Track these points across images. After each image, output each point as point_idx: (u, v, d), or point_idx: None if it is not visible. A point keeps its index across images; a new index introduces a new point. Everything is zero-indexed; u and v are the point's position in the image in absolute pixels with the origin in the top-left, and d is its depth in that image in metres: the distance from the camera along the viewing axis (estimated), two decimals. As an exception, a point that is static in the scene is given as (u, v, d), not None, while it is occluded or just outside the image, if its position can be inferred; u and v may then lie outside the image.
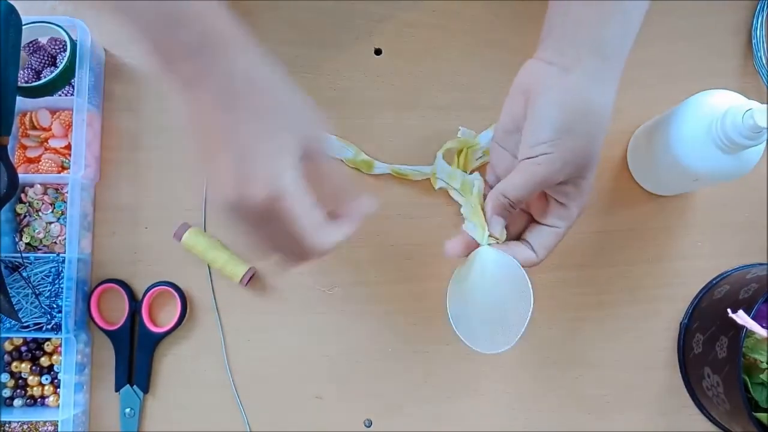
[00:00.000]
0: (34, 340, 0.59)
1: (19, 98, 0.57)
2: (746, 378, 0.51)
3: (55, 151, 0.60)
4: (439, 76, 0.62)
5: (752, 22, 0.62)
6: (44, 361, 0.59)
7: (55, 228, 0.59)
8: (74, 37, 0.58)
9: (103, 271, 0.60)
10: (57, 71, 0.58)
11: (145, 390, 0.59)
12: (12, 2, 0.53)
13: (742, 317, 0.49)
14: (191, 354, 0.60)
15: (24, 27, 0.54)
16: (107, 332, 0.59)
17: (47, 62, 0.60)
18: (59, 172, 0.60)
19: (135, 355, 0.59)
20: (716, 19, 0.63)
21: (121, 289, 0.59)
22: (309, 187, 0.41)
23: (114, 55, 0.62)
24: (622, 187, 0.62)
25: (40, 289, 0.57)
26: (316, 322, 0.60)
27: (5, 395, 0.58)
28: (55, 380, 0.59)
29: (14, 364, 0.58)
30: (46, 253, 0.59)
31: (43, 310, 0.57)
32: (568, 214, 0.47)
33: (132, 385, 0.59)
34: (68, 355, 0.56)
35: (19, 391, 0.59)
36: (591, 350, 0.60)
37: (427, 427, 0.60)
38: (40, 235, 0.59)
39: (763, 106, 0.45)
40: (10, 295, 0.56)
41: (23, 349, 0.59)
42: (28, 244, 0.59)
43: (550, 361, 0.60)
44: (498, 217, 0.48)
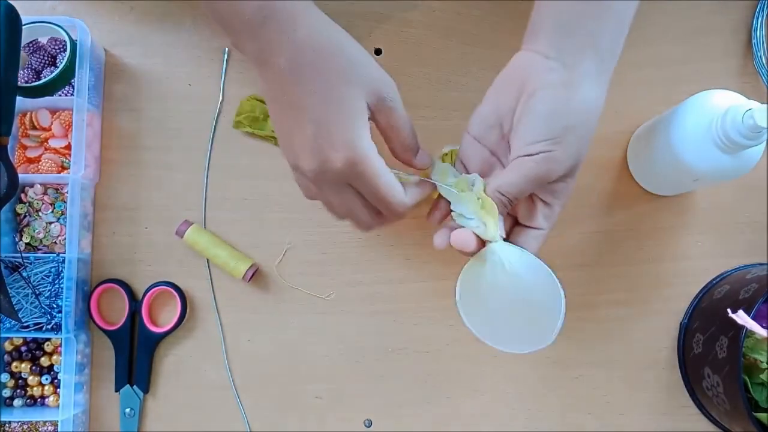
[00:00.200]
0: (34, 340, 0.59)
1: (19, 98, 0.57)
2: (746, 378, 0.51)
3: (55, 151, 0.60)
4: (439, 76, 0.62)
5: (752, 22, 0.62)
6: (44, 361, 0.59)
7: (55, 228, 0.59)
8: (74, 37, 0.58)
9: (103, 271, 0.60)
10: (57, 71, 0.58)
11: (145, 390, 0.59)
12: (12, 2, 0.53)
13: (742, 317, 0.49)
14: (191, 354, 0.60)
15: (24, 27, 0.54)
16: (107, 332, 0.59)
17: (47, 62, 0.60)
18: (59, 172, 0.60)
19: (135, 355, 0.59)
20: (716, 19, 0.63)
21: (121, 289, 0.59)
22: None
23: (114, 55, 0.62)
24: (622, 187, 0.62)
25: (40, 289, 0.57)
26: (316, 322, 0.60)
27: (5, 395, 0.58)
28: (55, 380, 0.59)
29: (14, 364, 0.58)
30: (46, 253, 0.59)
31: (43, 310, 0.57)
32: (552, 213, 0.46)
33: (132, 385, 0.59)
34: (68, 355, 0.56)
35: (19, 391, 0.59)
36: (591, 350, 0.60)
37: (427, 427, 0.60)
38: (40, 235, 0.59)
39: (763, 106, 0.45)
40: (10, 295, 0.56)
41: (23, 349, 0.59)
42: (28, 244, 0.59)
43: (550, 361, 0.60)
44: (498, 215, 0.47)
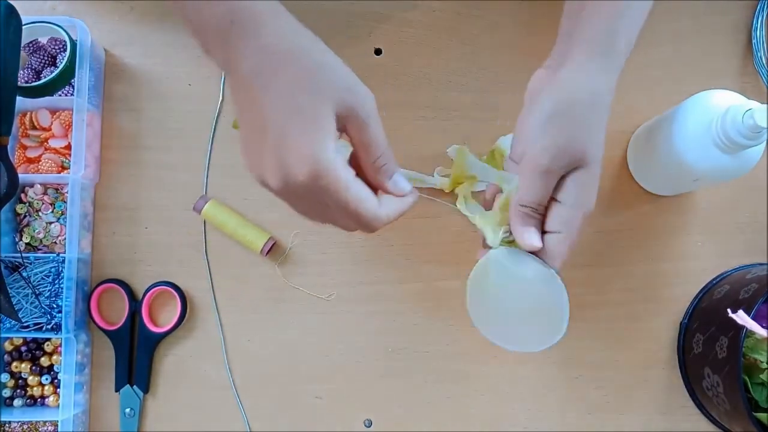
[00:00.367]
0: (34, 340, 0.59)
1: (19, 98, 0.57)
2: (746, 378, 0.51)
3: (55, 151, 0.60)
4: (439, 76, 0.62)
5: (752, 22, 0.62)
6: (44, 361, 0.59)
7: (55, 228, 0.59)
8: (74, 37, 0.58)
9: (103, 271, 0.60)
10: (57, 71, 0.58)
11: (145, 390, 0.59)
12: (12, 2, 0.53)
13: (742, 317, 0.49)
14: (191, 354, 0.60)
15: (24, 27, 0.54)
16: (107, 332, 0.59)
17: (47, 62, 0.60)
18: (59, 172, 0.60)
19: (135, 355, 0.59)
20: (716, 19, 0.63)
21: (121, 289, 0.59)
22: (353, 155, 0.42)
23: (114, 55, 0.62)
24: (622, 187, 0.62)
25: (40, 289, 0.57)
26: (316, 322, 0.60)
27: (5, 395, 0.58)
28: (55, 380, 0.59)
29: (14, 364, 0.58)
30: (46, 253, 0.59)
31: (43, 310, 0.57)
32: (567, 214, 0.45)
33: (132, 385, 0.59)
34: (68, 355, 0.56)
35: (19, 391, 0.59)
36: (591, 350, 0.60)
37: (427, 427, 0.60)
38: (40, 235, 0.59)
39: (763, 106, 0.45)
40: (10, 295, 0.56)
41: (23, 349, 0.59)
42: (28, 244, 0.59)
43: (550, 361, 0.60)
44: (527, 227, 0.46)
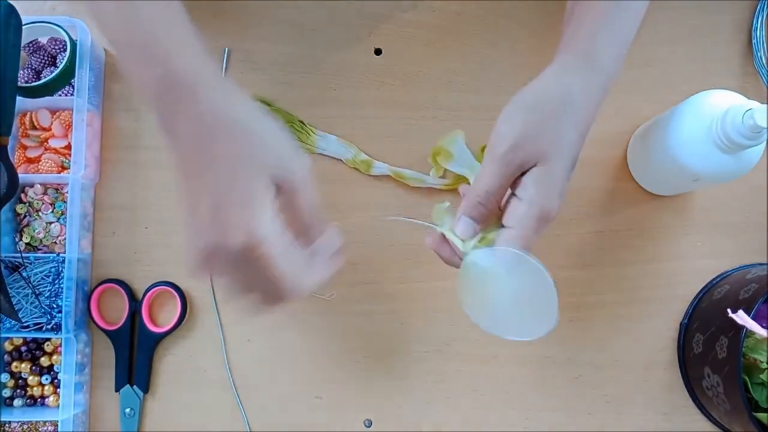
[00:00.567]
0: (34, 340, 0.59)
1: (19, 98, 0.57)
2: (746, 378, 0.51)
3: (55, 151, 0.60)
4: (439, 76, 0.62)
5: (752, 22, 0.62)
6: (44, 361, 0.59)
7: (55, 228, 0.59)
8: (74, 37, 0.58)
9: (103, 271, 0.60)
10: (57, 71, 0.58)
11: (145, 390, 0.59)
12: (12, 2, 0.53)
13: (742, 317, 0.49)
14: (191, 354, 0.60)
15: (24, 27, 0.54)
16: (107, 332, 0.59)
17: (47, 62, 0.60)
18: (59, 172, 0.60)
19: (135, 355, 0.59)
20: (716, 19, 0.63)
21: (121, 289, 0.59)
22: (285, 222, 0.41)
23: (114, 55, 0.62)
24: (622, 187, 0.62)
25: (40, 289, 0.57)
26: (316, 322, 0.60)
27: (5, 395, 0.58)
28: (55, 380, 0.59)
29: (14, 364, 0.58)
30: (46, 253, 0.59)
31: (43, 310, 0.57)
32: (525, 211, 0.43)
33: (132, 385, 0.59)
34: (68, 355, 0.56)
35: (19, 391, 0.59)
36: (591, 350, 0.60)
37: (427, 427, 0.60)
38: (40, 235, 0.59)
39: (763, 106, 0.45)
40: (10, 295, 0.56)
41: (23, 349, 0.59)
42: (28, 244, 0.59)
43: (550, 361, 0.60)
44: (467, 217, 0.45)
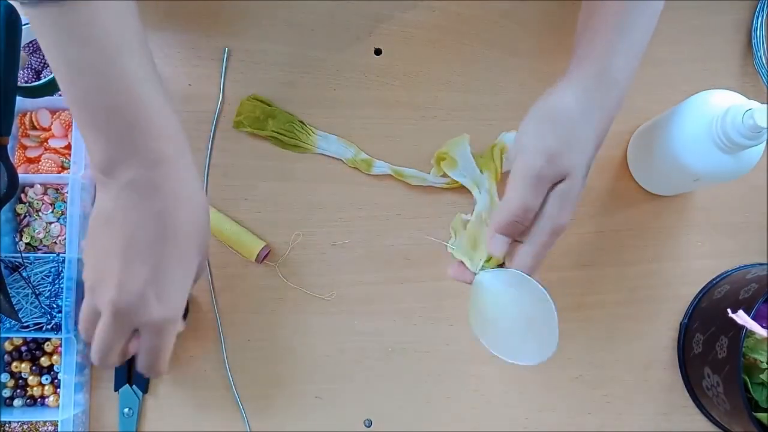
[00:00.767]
0: (34, 340, 0.59)
1: (19, 98, 0.57)
2: (746, 378, 0.51)
3: (55, 151, 0.60)
4: (439, 76, 0.62)
5: (752, 22, 0.62)
6: (44, 361, 0.59)
7: (55, 228, 0.59)
8: (74, 37, 0.58)
9: (103, 271, 0.60)
10: (57, 71, 0.58)
11: (144, 390, 0.59)
12: (12, 2, 0.53)
13: (742, 317, 0.49)
14: (191, 354, 0.60)
15: (24, 27, 0.54)
16: None
17: (47, 62, 0.60)
18: (59, 172, 0.60)
19: (135, 355, 0.59)
20: (716, 19, 0.63)
21: None
22: None
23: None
24: (622, 187, 0.62)
25: (40, 289, 0.57)
26: (316, 322, 0.60)
27: (5, 395, 0.58)
28: (55, 380, 0.59)
29: (14, 364, 0.58)
30: (46, 253, 0.59)
31: (43, 310, 0.57)
32: (541, 227, 0.46)
33: (131, 385, 0.59)
34: (68, 355, 0.56)
35: (19, 391, 0.59)
36: (591, 350, 0.60)
37: (427, 427, 0.60)
38: (40, 235, 0.59)
39: (763, 106, 0.46)
40: (10, 295, 0.56)
41: (23, 349, 0.59)
42: (28, 244, 0.59)
43: (550, 361, 0.60)
44: (502, 236, 0.47)
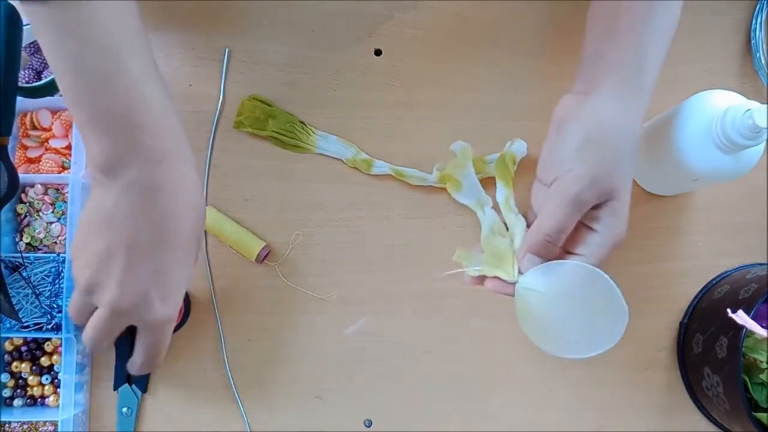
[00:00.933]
0: (34, 340, 0.59)
1: (20, 98, 0.57)
2: (746, 378, 0.51)
3: (56, 151, 0.60)
4: (439, 76, 0.62)
5: (752, 22, 0.63)
6: (44, 361, 0.59)
7: (56, 228, 0.59)
8: (75, 38, 0.58)
9: (104, 271, 0.60)
10: (57, 71, 0.58)
11: (144, 389, 0.59)
12: (12, 2, 0.53)
13: (741, 317, 0.49)
14: (191, 354, 0.60)
15: (25, 27, 0.54)
16: None
17: (48, 62, 0.60)
18: (60, 172, 0.60)
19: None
20: (716, 19, 0.63)
21: None
22: None
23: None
24: (622, 187, 0.62)
25: (40, 289, 0.57)
26: (316, 322, 0.60)
27: (5, 395, 0.58)
28: (55, 380, 0.59)
29: (14, 364, 0.58)
30: (46, 253, 0.59)
31: (43, 310, 0.57)
32: (599, 241, 0.45)
33: (131, 385, 0.59)
34: (68, 355, 0.56)
35: (19, 391, 0.59)
36: (591, 350, 0.60)
37: (427, 427, 0.60)
38: (41, 235, 0.59)
39: (763, 106, 0.46)
40: (10, 295, 0.56)
41: (23, 349, 0.59)
42: (28, 244, 0.59)
43: (550, 361, 0.60)
44: (534, 256, 0.46)
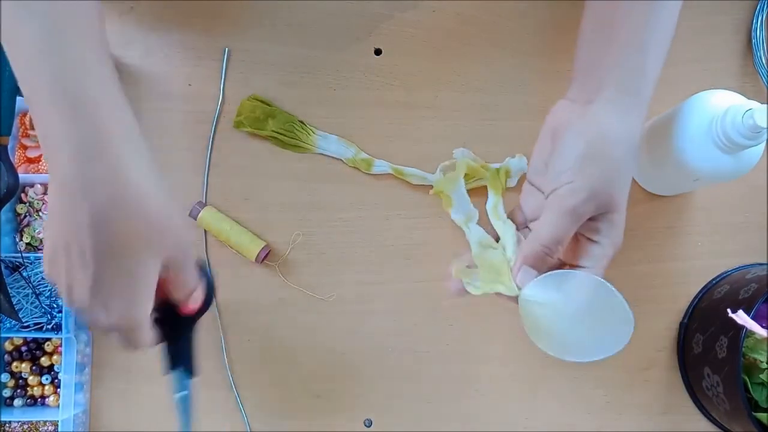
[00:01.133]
0: (34, 340, 0.59)
1: (19, 98, 0.57)
2: (746, 378, 0.51)
3: (55, 151, 0.60)
4: (439, 76, 0.62)
5: (752, 22, 0.62)
6: (44, 361, 0.59)
7: (55, 228, 0.59)
8: (74, 37, 0.58)
9: (103, 271, 0.60)
10: (57, 71, 0.58)
11: (190, 374, 0.49)
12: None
13: (741, 317, 0.49)
14: (191, 354, 0.60)
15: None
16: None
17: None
18: (59, 172, 0.59)
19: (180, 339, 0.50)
20: (716, 19, 0.63)
21: None
22: (162, 290, 0.42)
23: (113, 55, 0.62)
24: (622, 187, 0.62)
25: (41, 289, 0.57)
26: (316, 322, 0.60)
27: (5, 395, 0.58)
28: (56, 380, 0.59)
29: (14, 364, 0.58)
30: (46, 253, 0.59)
31: (43, 310, 0.57)
32: (601, 252, 0.45)
33: (175, 369, 0.49)
34: (68, 355, 0.56)
35: (19, 391, 0.59)
36: (591, 350, 0.60)
37: (427, 427, 0.60)
38: (41, 235, 0.59)
39: (763, 106, 0.45)
40: (11, 295, 0.56)
41: (23, 349, 0.59)
42: (28, 244, 0.59)
43: (550, 361, 0.60)
44: (530, 268, 0.45)
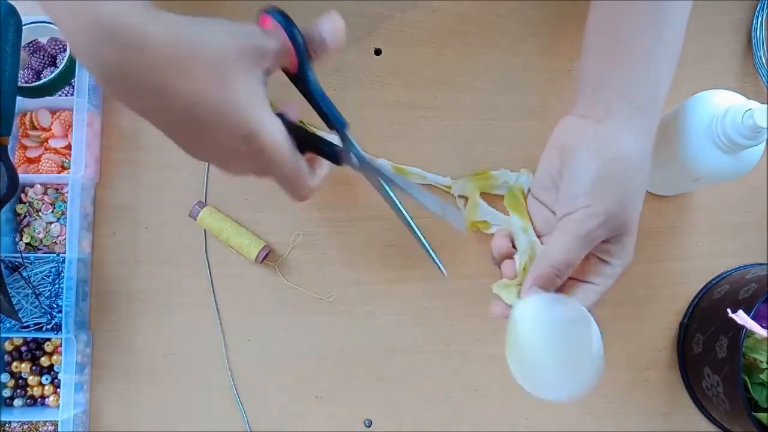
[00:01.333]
0: (34, 340, 0.59)
1: (19, 98, 0.57)
2: (746, 378, 0.51)
3: (55, 151, 0.60)
4: (439, 76, 0.62)
5: (752, 22, 0.62)
6: (44, 361, 0.59)
7: (55, 228, 0.59)
8: (74, 37, 0.58)
9: (103, 271, 0.60)
10: (57, 71, 0.58)
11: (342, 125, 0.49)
12: (12, 2, 0.53)
13: (741, 317, 0.49)
14: (191, 354, 0.60)
15: (24, 27, 0.54)
16: None
17: (47, 62, 0.60)
18: (59, 172, 0.60)
19: None
20: (716, 19, 0.63)
21: None
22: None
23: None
24: (622, 187, 0.62)
25: (40, 289, 0.57)
26: (316, 322, 0.60)
27: (5, 395, 0.58)
28: (55, 380, 0.59)
29: (14, 364, 0.58)
30: (46, 253, 0.59)
31: (43, 310, 0.57)
32: (612, 272, 0.45)
33: None
34: (68, 355, 0.56)
35: (19, 391, 0.59)
36: (591, 350, 0.60)
37: (427, 427, 0.60)
38: (40, 235, 0.59)
39: (763, 106, 0.45)
40: (10, 295, 0.56)
41: (23, 349, 0.59)
42: (28, 244, 0.59)
43: (550, 361, 0.60)
44: (538, 289, 0.44)
